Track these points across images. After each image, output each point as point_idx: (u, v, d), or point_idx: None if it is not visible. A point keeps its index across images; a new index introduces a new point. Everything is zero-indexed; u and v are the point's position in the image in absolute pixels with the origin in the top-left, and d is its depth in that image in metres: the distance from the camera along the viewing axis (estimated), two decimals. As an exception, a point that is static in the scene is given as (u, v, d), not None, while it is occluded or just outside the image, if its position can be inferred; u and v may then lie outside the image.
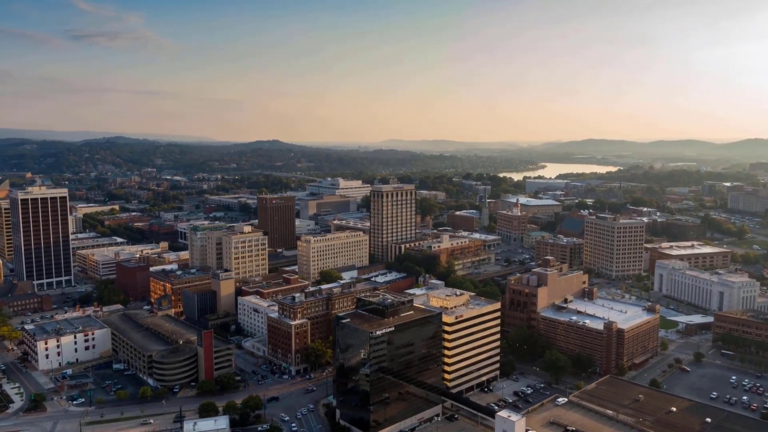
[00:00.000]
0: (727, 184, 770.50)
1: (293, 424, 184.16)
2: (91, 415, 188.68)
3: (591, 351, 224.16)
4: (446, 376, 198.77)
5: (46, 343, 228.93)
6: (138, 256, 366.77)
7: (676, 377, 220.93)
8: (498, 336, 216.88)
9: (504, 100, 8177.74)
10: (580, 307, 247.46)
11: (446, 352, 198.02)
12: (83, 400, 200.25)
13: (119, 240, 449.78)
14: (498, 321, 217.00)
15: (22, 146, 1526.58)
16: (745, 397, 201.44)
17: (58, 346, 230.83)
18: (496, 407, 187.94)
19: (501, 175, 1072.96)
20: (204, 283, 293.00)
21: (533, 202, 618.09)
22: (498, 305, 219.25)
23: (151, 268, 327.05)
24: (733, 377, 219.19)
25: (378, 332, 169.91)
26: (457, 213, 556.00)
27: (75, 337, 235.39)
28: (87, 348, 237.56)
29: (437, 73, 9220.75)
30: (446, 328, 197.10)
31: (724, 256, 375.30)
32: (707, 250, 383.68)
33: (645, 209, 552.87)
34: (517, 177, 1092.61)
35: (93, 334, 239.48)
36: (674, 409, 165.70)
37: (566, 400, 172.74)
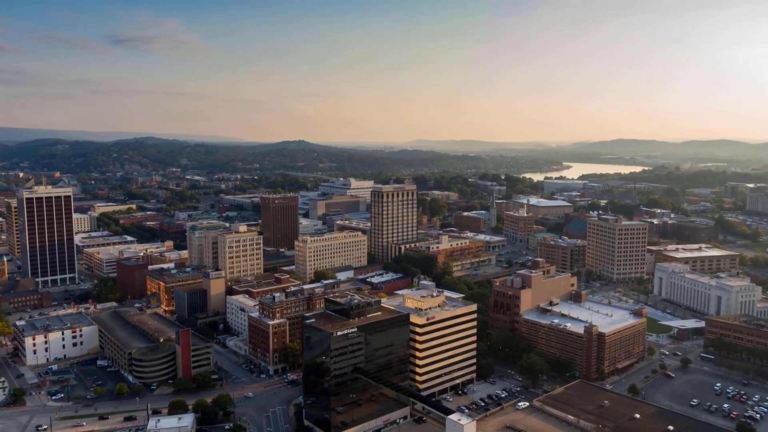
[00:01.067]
0: (751, 185, 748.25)
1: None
2: (66, 411, 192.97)
3: (571, 355, 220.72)
4: (417, 378, 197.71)
5: (33, 339, 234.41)
6: (141, 254, 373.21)
7: (658, 383, 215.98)
8: (474, 338, 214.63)
9: (532, 101, 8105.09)
10: (565, 310, 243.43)
11: (417, 353, 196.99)
12: (62, 395, 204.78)
13: (129, 239, 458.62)
14: (474, 323, 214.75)
15: (54, 146, 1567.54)
16: (726, 405, 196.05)
17: (45, 342, 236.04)
18: (466, 410, 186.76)
19: (521, 175, 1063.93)
20: (197, 281, 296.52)
21: (543, 203, 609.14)
22: (474, 307, 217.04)
23: (149, 267, 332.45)
24: (718, 384, 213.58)
25: (339, 333, 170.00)
26: (465, 214, 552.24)
27: (63, 333, 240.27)
28: (75, 344, 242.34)
29: (465, 74, 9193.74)
30: (417, 329, 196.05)
31: (732, 259, 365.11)
32: (714, 252, 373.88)
33: (658, 211, 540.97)
34: (539, 177, 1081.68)
35: (81, 330, 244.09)
36: (638, 416, 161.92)
37: (527, 404, 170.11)
